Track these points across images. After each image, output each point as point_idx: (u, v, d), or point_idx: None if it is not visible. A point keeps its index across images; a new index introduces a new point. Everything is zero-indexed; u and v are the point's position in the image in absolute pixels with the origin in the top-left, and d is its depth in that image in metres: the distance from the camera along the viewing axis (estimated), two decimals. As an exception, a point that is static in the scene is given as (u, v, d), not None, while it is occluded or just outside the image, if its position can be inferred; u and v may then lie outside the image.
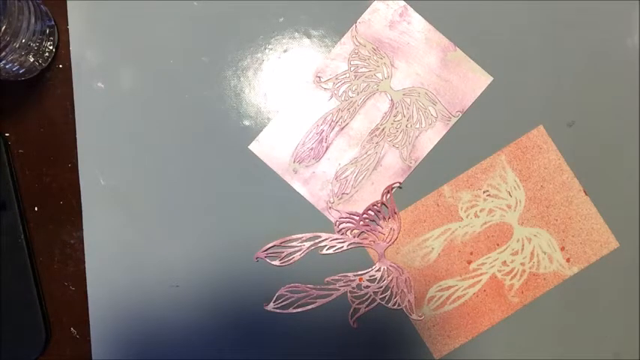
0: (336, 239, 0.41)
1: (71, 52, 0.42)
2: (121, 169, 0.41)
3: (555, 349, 0.42)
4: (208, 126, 0.41)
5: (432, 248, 0.41)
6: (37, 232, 0.42)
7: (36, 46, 0.39)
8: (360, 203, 0.41)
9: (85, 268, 0.41)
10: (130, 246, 0.41)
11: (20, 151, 0.42)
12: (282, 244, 0.41)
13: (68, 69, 0.42)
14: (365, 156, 0.41)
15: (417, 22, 0.41)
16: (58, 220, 0.42)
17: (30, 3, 0.38)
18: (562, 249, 0.41)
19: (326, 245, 0.41)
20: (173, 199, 0.41)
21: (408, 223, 0.42)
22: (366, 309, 0.41)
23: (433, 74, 0.41)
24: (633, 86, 0.41)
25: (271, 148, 0.41)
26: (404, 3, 0.41)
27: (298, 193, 0.41)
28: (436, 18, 0.41)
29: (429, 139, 0.41)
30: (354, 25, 0.41)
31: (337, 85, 0.41)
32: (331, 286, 0.41)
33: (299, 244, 0.41)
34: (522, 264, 0.41)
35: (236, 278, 0.42)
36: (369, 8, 0.41)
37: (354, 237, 0.41)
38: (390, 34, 0.41)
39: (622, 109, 0.41)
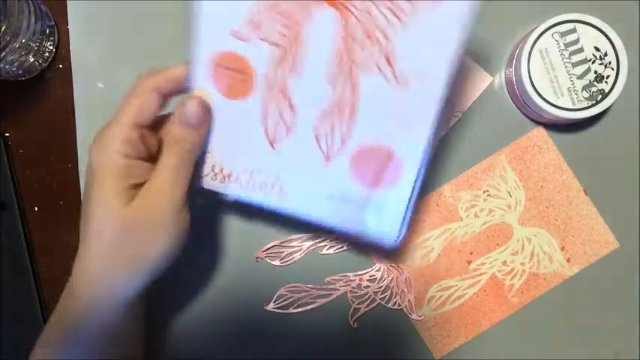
0: (336, 239, 0.41)
1: (71, 52, 0.42)
2: (121, 169, 0.41)
3: (555, 349, 0.42)
4: (208, 126, 0.41)
5: (432, 248, 0.41)
6: (37, 232, 0.42)
7: (36, 46, 0.39)
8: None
9: (85, 268, 0.41)
10: (130, 246, 0.41)
11: (20, 151, 0.42)
12: (282, 244, 0.41)
13: (68, 69, 0.42)
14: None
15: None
16: (58, 220, 0.42)
17: (30, 3, 0.38)
18: (562, 249, 0.41)
19: (326, 245, 0.41)
20: (173, 199, 0.41)
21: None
22: (366, 309, 0.41)
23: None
24: (633, 86, 0.41)
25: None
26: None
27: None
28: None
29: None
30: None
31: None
32: (331, 286, 0.41)
33: (299, 244, 0.41)
34: (522, 264, 0.41)
35: (236, 278, 0.42)
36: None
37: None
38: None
39: (622, 108, 0.41)
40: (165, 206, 0.30)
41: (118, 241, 0.30)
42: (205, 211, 0.41)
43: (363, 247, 0.41)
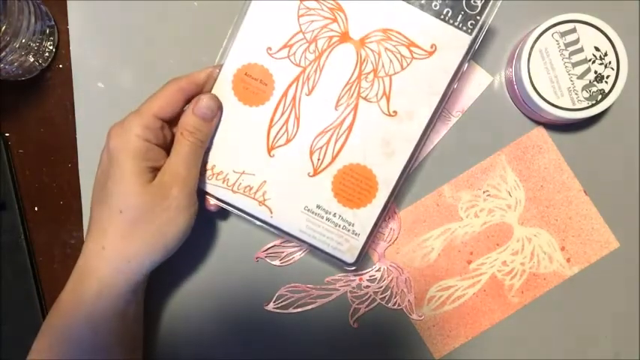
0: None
1: (71, 52, 0.42)
2: (121, 169, 0.41)
3: (555, 349, 0.42)
4: (208, 126, 0.41)
5: (432, 248, 0.41)
6: (37, 232, 0.42)
7: (36, 46, 0.39)
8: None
9: (85, 268, 0.41)
10: (130, 246, 0.41)
11: (20, 151, 0.42)
12: (282, 244, 0.41)
13: (68, 69, 0.42)
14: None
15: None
16: (58, 220, 0.42)
17: (30, 3, 0.38)
18: (562, 249, 0.41)
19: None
20: (173, 199, 0.41)
21: (408, 223, 0.42)
22: (366, 309, 0.41)
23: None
24: (633, 86, 0.41)
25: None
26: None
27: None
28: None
29: (429, 138, 0.41)
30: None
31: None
32: (331, 286, 0.41)
33: (299, 244, 0.41)
34: (522, 264, 0.41)
35: (236, 278, 0.42)
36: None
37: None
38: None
39: (622, 108, 0.41)
40: (181, 189, 0.33)
41: (138, 219, 0.32)
42: (205, 211, 0.41)
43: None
